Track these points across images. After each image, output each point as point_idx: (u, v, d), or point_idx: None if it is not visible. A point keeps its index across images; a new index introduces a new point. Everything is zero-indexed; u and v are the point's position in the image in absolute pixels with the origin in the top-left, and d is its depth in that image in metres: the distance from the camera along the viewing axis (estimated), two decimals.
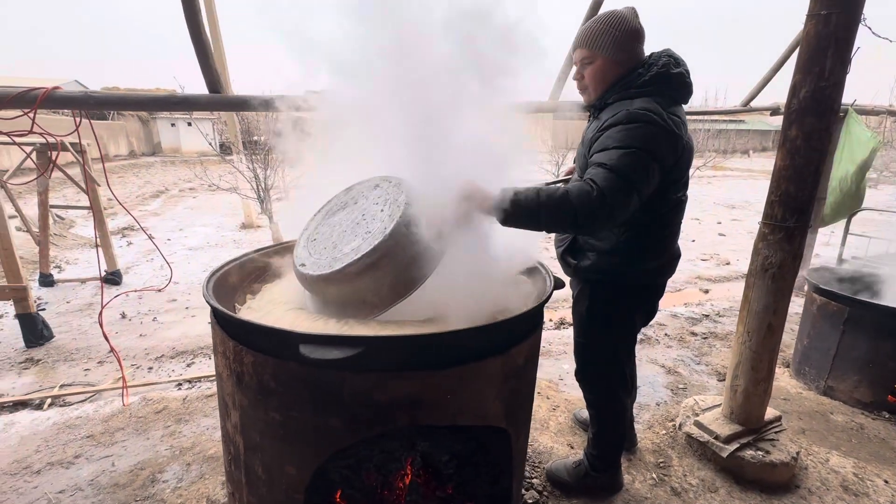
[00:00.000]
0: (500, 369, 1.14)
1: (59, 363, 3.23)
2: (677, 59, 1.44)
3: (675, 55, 1.45)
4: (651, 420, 2.37)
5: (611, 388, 1.75)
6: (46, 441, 2.14)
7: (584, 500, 1.82)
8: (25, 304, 3.39)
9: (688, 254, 6.60)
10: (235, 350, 1.10)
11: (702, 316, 3.87)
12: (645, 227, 1.48)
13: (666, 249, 1.57)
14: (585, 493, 1.83)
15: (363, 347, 0.95)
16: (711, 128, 13.40)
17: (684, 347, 3.26)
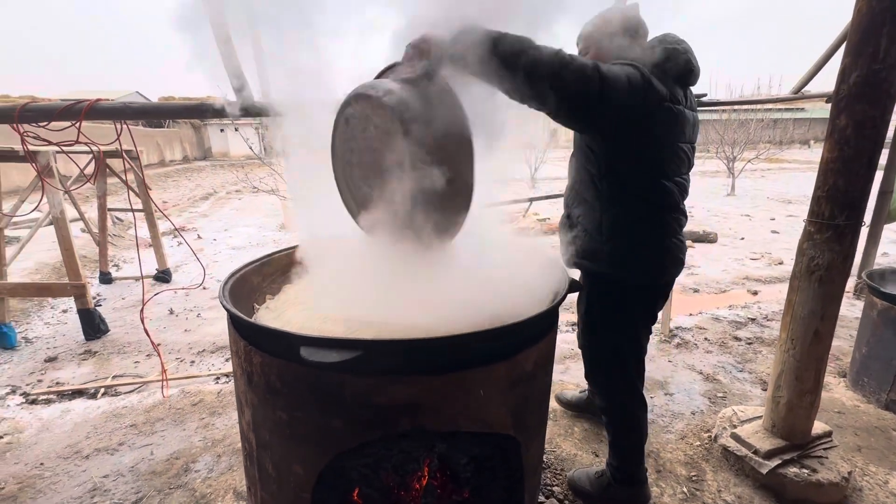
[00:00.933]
0: (506, 375, 1.11)
1: (112, 355, 3.48)
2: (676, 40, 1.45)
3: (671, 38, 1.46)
4: (685, 430, 2.24)
5: (617, 396, 1.68)
6: (96, 428, 2.31)
7: None
8: (84, 300, 3.68)
9: (735, 252, 6.22)
10: (246, 350, 1.14)
11: (747, 319, 3.62)
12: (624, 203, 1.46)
13: (664, 245, 1.50)
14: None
15: (361, 351, 0.95)
16: (765, 117, 12.51)
17: (726, 353, 3.06)
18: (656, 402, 2.49)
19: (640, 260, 1.49)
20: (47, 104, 1.85)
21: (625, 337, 1.61)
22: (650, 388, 2.62)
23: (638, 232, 1.48)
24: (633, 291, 1.54)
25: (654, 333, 3.33)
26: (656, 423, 2.31)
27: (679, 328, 3.41)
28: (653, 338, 3.26)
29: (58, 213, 3.54)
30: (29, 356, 3.43)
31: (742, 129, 11.91)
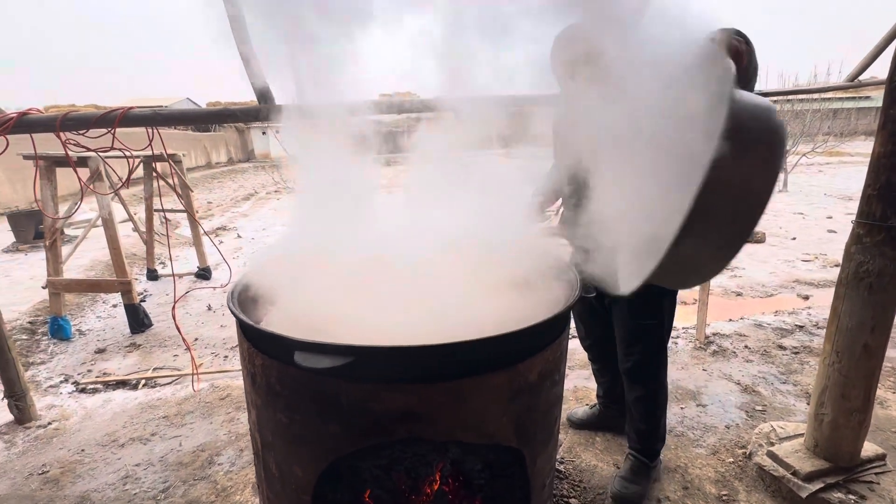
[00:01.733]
0: (507, 385, 1.07)
1: (155, 348, 3.68)
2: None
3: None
4: (717, 445, 2.10)
5: (664, 369, 1.80)
6: (132, 418, 2.45)
7: None
8: (130, 295, 3.91)
9: (786, 253, 5.81)
10: (249, 351, 1.15)
11: (794, 327, 3.36)
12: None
13: None
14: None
15: (353, 357, 0.94)
16: (822, 107, 11.59)
17: (768, 363, 2.85)
18: (687, 413, 2.35)
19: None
20: (85, 113, 1.97)
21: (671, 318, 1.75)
22: (681, 398, 2.48)
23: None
24: None
25: (688, 340, 3.15)
26: (686, 435, 2.18)
27: (717, 334, 3.21)
28: (687, 344, 3.09)
29: (106, 214, 3.78)
30: (81, 347, 3.69)
31: (797, 120, 11.11)
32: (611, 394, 2.13)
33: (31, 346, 3.68)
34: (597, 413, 2.19)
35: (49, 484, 1.97)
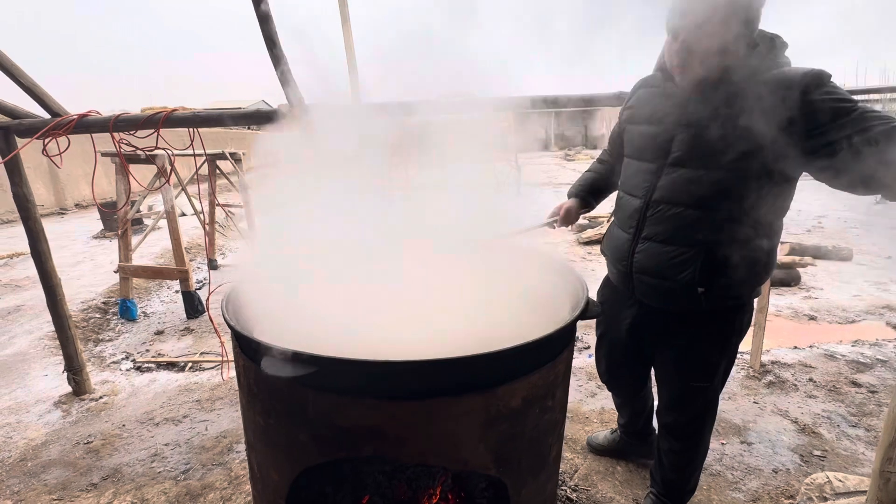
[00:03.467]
0: (483, 410, 0.99)
1: (205, 334, 3.95)
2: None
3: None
4: (759, 491, 1.85)
5: (712, 430, 1.59)
6: (170, 399, 2.62)
7: None
8: (187, 283, 4.22)
9: (876, 274, 5.09)
10: (235, 351, 1.17)
11: (875, 360, 2.91)
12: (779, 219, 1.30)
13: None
14: None
15: (316, 368, 0.91)
16: None
17: (836, 401, 2.48)
18: (728, 450, 2.10)
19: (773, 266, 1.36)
20: (134, 115, 2.13)
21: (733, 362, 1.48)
22: (723, 432, 2.22)
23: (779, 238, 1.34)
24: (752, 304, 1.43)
25: (740, 367, 2.83)
26: (723, 476, 1.94)
27: (776, 363, 2.85)
28: (738, 372, 2.78)
29: (169, 207, 4.11)
30: (144, 328, 4.05)
31: None
32: (630, 427, 1.95)
33: (103, 324, 4.09)
34: (617, 440, 2.01)
35: (91, 454, 2.15)
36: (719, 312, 1.35)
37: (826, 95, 1.09)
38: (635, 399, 1.83)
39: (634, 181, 1.40)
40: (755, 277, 1.32)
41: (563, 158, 22.08)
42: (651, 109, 1.35)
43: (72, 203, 10.28)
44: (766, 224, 1.27)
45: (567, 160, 21.50)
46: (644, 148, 1.36)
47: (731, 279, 1.27)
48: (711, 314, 1.35)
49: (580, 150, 25.92)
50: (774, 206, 1.26)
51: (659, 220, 1.32)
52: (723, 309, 1.34)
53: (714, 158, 1.21)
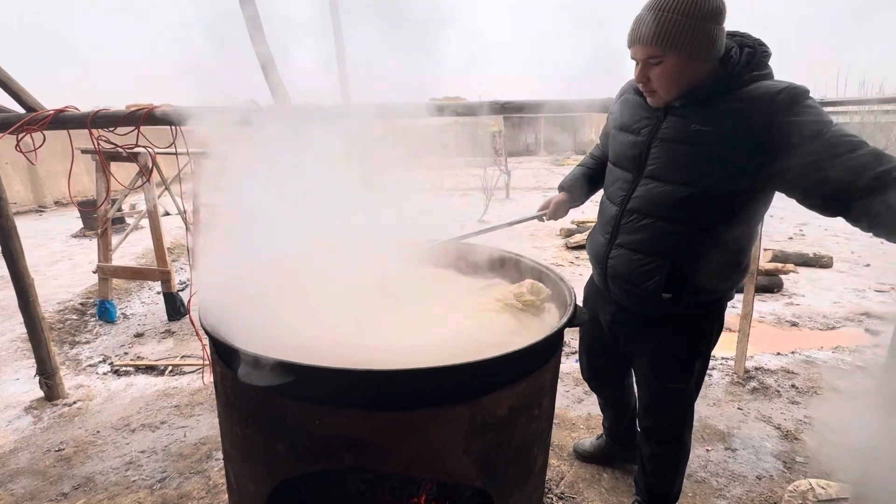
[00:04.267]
0: (469, 419, 0.96)
1: (187, 336, 3.85)
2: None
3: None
4: (744, 498, 1.86)
5: (690, 432, 1.59)
6: (147, 405, 2.55)
7: None
8: (169, 284, 4.12)
9: (855, 282, 5.20)
10: (212, 357, 1.13)
11: (855, 367, 2.96)
12: (751, 232, 1.33)
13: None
14: None
15: (294, 377, 0.88)
16: None
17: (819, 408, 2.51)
18: (713, 456, 2.10)
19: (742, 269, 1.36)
20: (114, 111, 2.07)
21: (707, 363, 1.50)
22: (708, 438, 2.23)
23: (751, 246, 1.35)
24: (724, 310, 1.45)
25: (725, 373, 2.86)
26: (708, 482, 1.95)
27: (759, 369, 2.88)
28: (722, 378, 2.80)
29: (151, 206, 4.02)
30: (123, 330, 3.93)
31: (881, 133, 9.98)
32: (615, 429, 1.95)
33: (80, 326, 3.97)
34: (603, 445, 2.00)
35: (62, 462, 2.07)
36: (690, 316, 1.38)
37: (796, 117, 1.06)
38: (616, 396, 1.84)
39: (613, 188, 1.41)
40: (726, 282, 1.34)
41: (552, 164, 22.21)
42: (630, 119, 1.34)
43: (51, 201, 10.02)
44: (738, 233, 1.27)
45: (556, 165, 21.64)
46: (623, 156, 1.37)
47: (700, 286, 1.29)
48: (683, 317, 1.37)
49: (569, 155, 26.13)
50: (748, 217, 1.26)
51: (631, 230, 1.33)
52: (693, 312, 1.37)
53: (686, 174, 1.20)
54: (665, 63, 1.13)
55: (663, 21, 1.08)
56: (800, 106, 1.07)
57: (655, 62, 1.15)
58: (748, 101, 1.11)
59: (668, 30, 1.08)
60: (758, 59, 1.16)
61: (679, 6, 1.08)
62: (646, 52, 1.14)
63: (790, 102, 1.07)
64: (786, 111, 1.07)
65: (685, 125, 1.19)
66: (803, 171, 1.04)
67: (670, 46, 1.10)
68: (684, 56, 1.11)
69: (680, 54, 1.11)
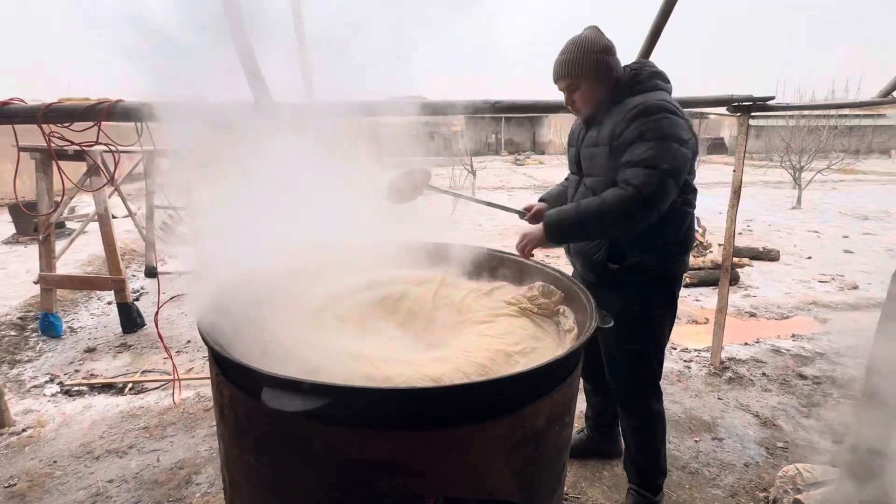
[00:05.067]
0: (509, 433, 0.92)
1: (146, 349, 3.56)
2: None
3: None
4: (736, 485, 1.93)
5: (655, 405, 1.69)
6: (111, 428, 2.32)
7: None
8: (123, 294, 3.80)
9: (801, 273, 5.60)
10: (217, 379, 1.02)
11: (815, 354, 3.18)
12: (678, 215, 1.52)
13: (693, 238, 1.63)
14: None
15: (331, 399, 0.80)
16: (839, 124, 11.35)
17: (788, 393, 2.67)
18: (702, 447, 2.18)
19: (683, 251, 1.59)
20: (70, 105, 1.86)
21: (666, 336, 1.67)
22: (695, 429, 2.31)
23: (679, 223, 1.54)
24: (678, 282, 1.64)
25: (702, 364, 2.98)
26: (701, 473, 2.01)
27: (732, 359, 3.03)
28: (701, 369, 2.92)
29: (101, 209, 3.68)
30: (71, 346, 3.58)
31: (812, 136, 10.87)
32: (602, 416, 2.03)
33: (20, 343, 3.57)
34: (584, 439, 2.08)
35: (14, 500, 1.84)
36: (641, 283, 1.57)
37: (639, 125, 1.38)
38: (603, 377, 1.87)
39: (571, 188, 1.73)
40: (667, 256, 1.56)
41: (513, 163, 22.60)
42: (572, 135, 1.73)
43: None
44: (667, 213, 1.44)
45: (517, 164, 22.03)
46: (571, 163, 1.73)
47: (641, 257, 1.53)
48: (635, 284, 1.57)
49: (529, 154, 26.67)
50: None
51: None
52: (643, 280, 1.57)
53: (600, 169, 1.53)
54: (581, 88, 1.51)
55: (574, 59, 1.47)
56: (645, 117, 1.38)
57: (574, 88, 1.52)
58: (620, 110, 1.45)
59: (578, 64, 1.47)
60: (640, 78, 1.49)
61: (582, 47, 1.47)
62: (566, 82, 1.52)
63: (638, 114, 1.39)
64: (633, 119, 1.40)
65: (594, 132, 1.56)
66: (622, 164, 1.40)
67: (581, 75, 1.48)
68: (593, 80, 1.49)
69: (589, 79, 1.49)
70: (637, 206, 1.33)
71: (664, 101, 1.41)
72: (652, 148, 1.34)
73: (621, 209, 1.33)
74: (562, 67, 1.50)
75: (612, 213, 1.34)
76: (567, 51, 1.49)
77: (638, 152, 1.36)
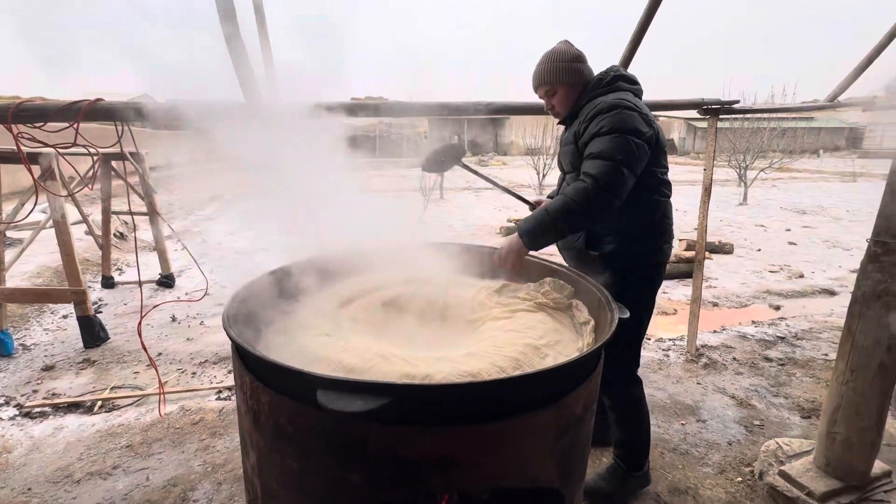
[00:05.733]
0: (554, 422, 0.96)
1: (112, 365, 3.34)
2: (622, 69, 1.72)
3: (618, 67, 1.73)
4: (723, 463, 2.07)
5: (636, 379, 1.80)
6: (89, 448, 2.16)
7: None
8: (84, 306, 3.55)
9: (753, 264, 6.02)
10: (252, 386, 0.99)
11: (776, 338, 3.44)
12: (649, 205, 1.65)
13: (669, 228, 1.74)
14: (630, 496, 1.85)
15: (391, 398, 0.80)
16: (777, 126, 12.31)
17: (757, 375, 2.88)
18: (689, 429, 2.31)
19: (656, 239, 1.69)
20: (43, 104, 1.73)
21: (649, 316, 1.78)
22: (680, 413, 2.45)
23: (650, 213, 1.67)
24: (657, 269, 1.74)
25: (679, 352, 3.16)
26: (691, 453, 2.14)
27: (705, 346, 3.23)
28: (679, 357, 3.09)
29: (58, 216, 3.42)
30: (26, 364, 3.30)
31: (755, 137, 11.71)
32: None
33: None
34: None
35: None
36: (622, 270, 1.66)
37: (597, 122, 1.50)
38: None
39: (559, 186, 1.90)
40: (643, 242, 1.67)
41: (477, 164, 22.86)
42: (561, 136, 1.84)
43: None
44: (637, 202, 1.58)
45: (482, 165, 22.32)
46: (560, 162, 1.85)
47: (616, 244, 1.65)
48: (616, 272, 1.64)
49: (492, 156, 27.07)
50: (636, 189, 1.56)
51: None
52: (624, 267, 1.66)
53: (574, 165, 1.65)
54: (558, 93, 1.68)
55: (549, 69, 1.65)
56: (602, 114, 1.51)
57: (552, 93, 1.69)
58: (585, 111, 1.59)
59: (553, 72, 1.65)
60: (605, 81, 1.63)
61: (554, 58, 1.65)
62: (544, 89, 1.70)
63: (598, 112, 1.52)
64: (593, 117, 1.53)
65: (568, 133, 1.71)
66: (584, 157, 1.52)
67: (556, 81, 1.65)
68: (567, 85, 1.66)
69: (564, 84, 1.66)
70: (597, 195, 1.40)
71: (621, 98, 1.53)
72: (608, 141, 1.45)
73: (584, 201, 1.41)
74: (539, 76, 1.68)
75: (576, 206, 1.41)
76: (543, 61, 1.67)
77: (596, 146, 1.47)
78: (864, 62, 2.87)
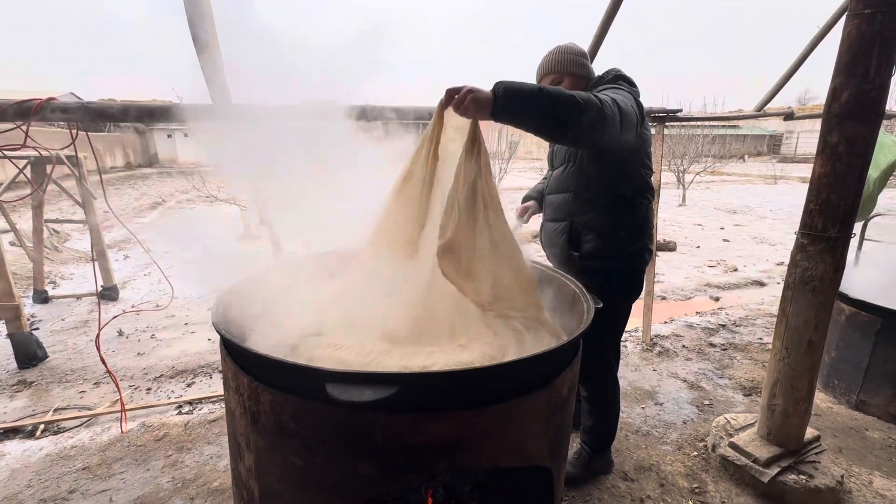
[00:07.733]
0: (546, 403, 1.03)
1: (53, 385, 3.09)
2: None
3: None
4: (679, 440, 2.25)
5: (613, 373, 1.88)
6: (38, 474, 2.00)
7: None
8: (18, 323, 3.25)
9: (694, 260, 6.52)
10: (251, 387, 0.99)
11: (718, 326, 3.76)
12: (632, 204, 1.71)
13: (649, 230, 1.79)
14: (592, 479, 1.97)
15: (399, 387, 0.84)
16: (709, 133, 13.41)
17: (704, 360, 3.15)
18: (648, 412, 2.50)
19: (637, 241, 1.74)
20: None
21: (624, 321, 1.86)
22: (640, 398, 2.63)
23: (645, 225, 1.76)
24: (636, 274, 1.80)
25: (636, 343, 3.38)
26: (651, 434, 2.31)
27: (658, 336, 3.48)
28: (635, 346, 3.30)
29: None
30: None
31: (691, 143, 12.66)
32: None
33: None
34: None
35: None
36: (603, 272, 1.72)
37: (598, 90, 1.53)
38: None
39: (543, 183, 1.97)
40: (624, 242, 1.72)
41: None
42: None
43: None
44: (621, 200, 1.68)
45: None
46: (548, 160, 1.94)
47: (595, 245, 1.72)
48: (597, 273, 1.71)
49: None
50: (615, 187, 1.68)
51: (548, 204, 1.89)
52: (604, 269, 1.73)
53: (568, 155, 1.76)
54: (564, 82, 1.73)
55: (560, 59, 1.73)
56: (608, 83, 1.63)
57: (559, 81, 1.74)
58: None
59: (563, 62, 1.72)
60: (607, 79, 1.70)
61: (563, 50, 1.73)
62: (551, 77, 1.74)
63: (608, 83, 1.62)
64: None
65: None
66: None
67: (565, 71, 1.72)
68: (573, 76, 1.73)
69: (570, 75, 1.73)
70: (590, 105, 1.27)
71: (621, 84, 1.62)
72: (613, 91, 1.48)
73: (578, 99, 1.25)
74: (548, 64, 1.74)
75: (568, 97, 1.24)
76: (552, 52, 1.75)
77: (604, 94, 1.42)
78: (790, 71, 3.23)
